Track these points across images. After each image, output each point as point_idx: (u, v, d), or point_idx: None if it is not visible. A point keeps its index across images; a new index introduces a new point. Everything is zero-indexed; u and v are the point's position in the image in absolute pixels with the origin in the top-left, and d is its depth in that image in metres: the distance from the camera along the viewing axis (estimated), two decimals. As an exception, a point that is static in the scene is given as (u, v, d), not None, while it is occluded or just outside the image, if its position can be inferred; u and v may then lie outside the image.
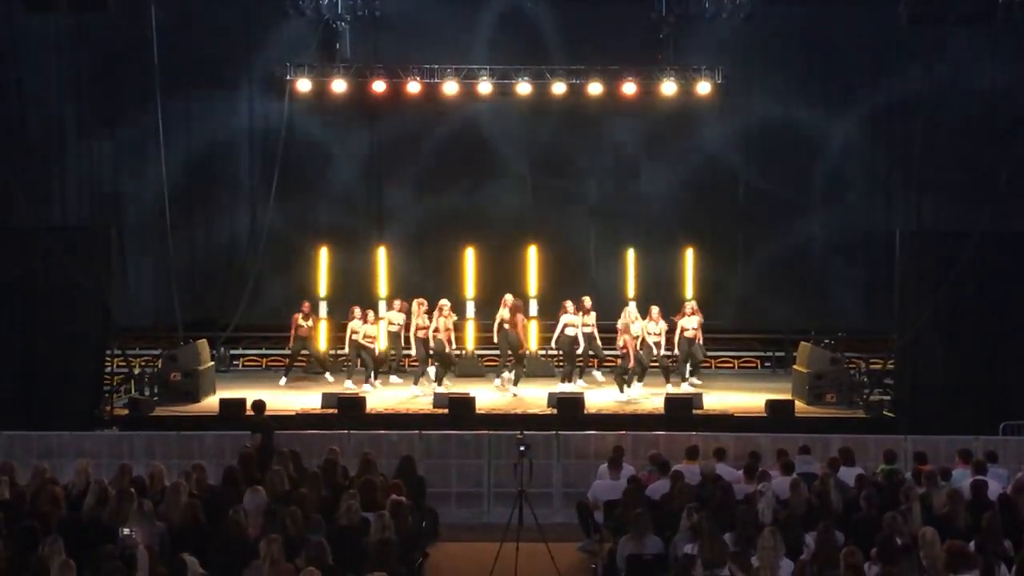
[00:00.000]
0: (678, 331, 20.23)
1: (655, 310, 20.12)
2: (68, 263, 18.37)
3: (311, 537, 10.31)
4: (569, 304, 20.08)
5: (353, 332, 20.18)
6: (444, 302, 20.08)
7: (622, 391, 19.46)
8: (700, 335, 20.43)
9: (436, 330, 19.82)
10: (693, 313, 20.39)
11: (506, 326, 20.07)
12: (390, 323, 20.63)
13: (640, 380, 19.79)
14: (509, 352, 20.19)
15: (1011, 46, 20.92)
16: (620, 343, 19.46)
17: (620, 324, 19.56)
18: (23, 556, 9.86)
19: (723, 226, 23.54)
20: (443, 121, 23.49)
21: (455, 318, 20.32)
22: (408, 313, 20.43)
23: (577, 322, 19.96)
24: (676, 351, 20.34)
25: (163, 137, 21.41)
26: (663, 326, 20.05)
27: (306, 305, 21.24)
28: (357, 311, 20.30)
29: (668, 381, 20.25)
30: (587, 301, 20.16)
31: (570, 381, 20.13)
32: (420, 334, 20.01)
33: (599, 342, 20.32)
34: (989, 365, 18.72)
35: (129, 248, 21.79)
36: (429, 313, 20.03)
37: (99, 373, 19.19)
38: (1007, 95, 21.15)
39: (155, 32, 20.88)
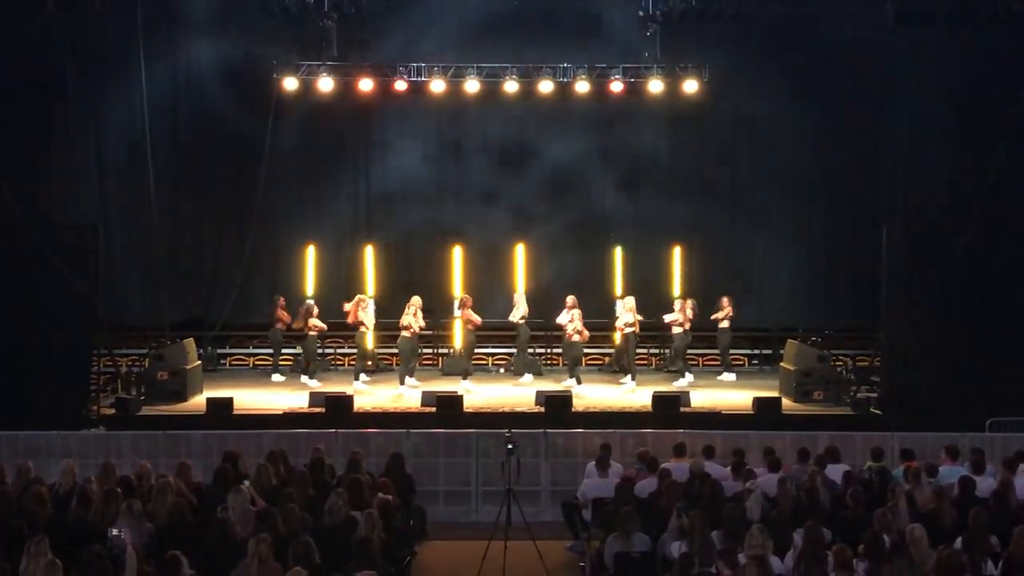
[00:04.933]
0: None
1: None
2: (55, 262, 18.32)
3: (299, 536, 10.30)
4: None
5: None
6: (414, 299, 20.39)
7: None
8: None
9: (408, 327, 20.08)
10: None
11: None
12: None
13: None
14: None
15: (997, 44, 20.96)
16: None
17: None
18: (8, 556, 9.84)
19: (709, 224, 23.56)
20: (429, 119, 23.48)
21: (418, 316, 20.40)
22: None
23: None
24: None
25: (149, 136, 21.38)
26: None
27: (281, 300, 21.26)
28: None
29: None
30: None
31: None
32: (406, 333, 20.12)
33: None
34: (976, 362, 18.78)
35: (116, 247, 21.70)
36: None
37: (86, 372, 19.16)
38: (993, 91, 21.18)
39: (141, 31, 20.86)
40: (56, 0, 19.24)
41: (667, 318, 21.03)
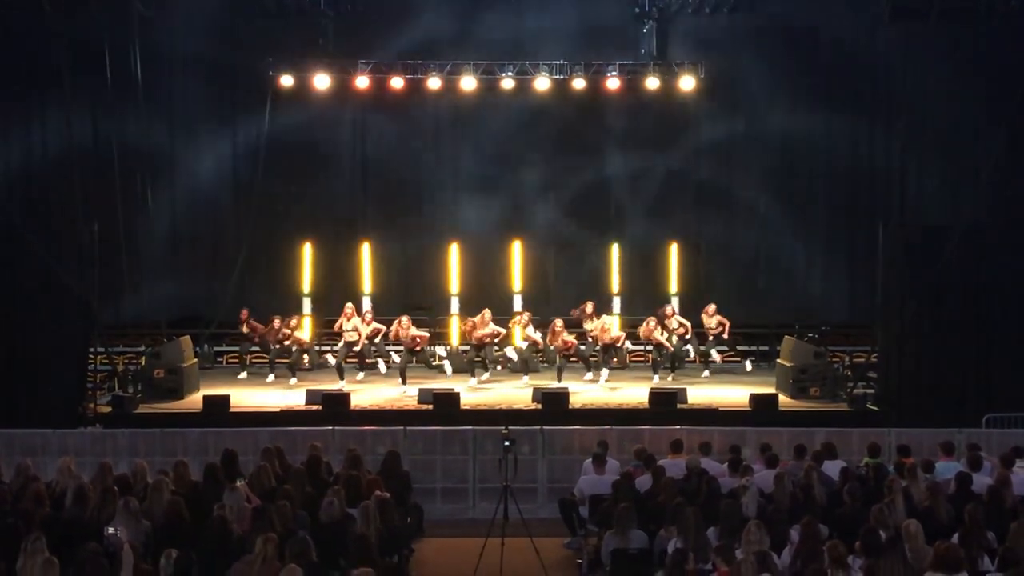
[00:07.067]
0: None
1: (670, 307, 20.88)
2: (51, 260, 18.30)
3: (296, 533, 10.29)
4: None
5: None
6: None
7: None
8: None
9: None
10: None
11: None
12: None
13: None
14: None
15: (994, 40, 20.96)
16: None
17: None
18: (5, 554, 9.83)
19: (707, 221, 23.57)
20: (426, 116, 23.49)
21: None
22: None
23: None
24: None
25: (144, 133, 21.35)
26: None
27: (244, 312, 21.21)
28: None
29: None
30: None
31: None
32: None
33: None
34: (972, 358, 18.78)
35: (111, 245, 21.67)
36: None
37: (82, 371, 19.14)
38: (989, 88, 21.18)
39: (137, 28, 20.84)
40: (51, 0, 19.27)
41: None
